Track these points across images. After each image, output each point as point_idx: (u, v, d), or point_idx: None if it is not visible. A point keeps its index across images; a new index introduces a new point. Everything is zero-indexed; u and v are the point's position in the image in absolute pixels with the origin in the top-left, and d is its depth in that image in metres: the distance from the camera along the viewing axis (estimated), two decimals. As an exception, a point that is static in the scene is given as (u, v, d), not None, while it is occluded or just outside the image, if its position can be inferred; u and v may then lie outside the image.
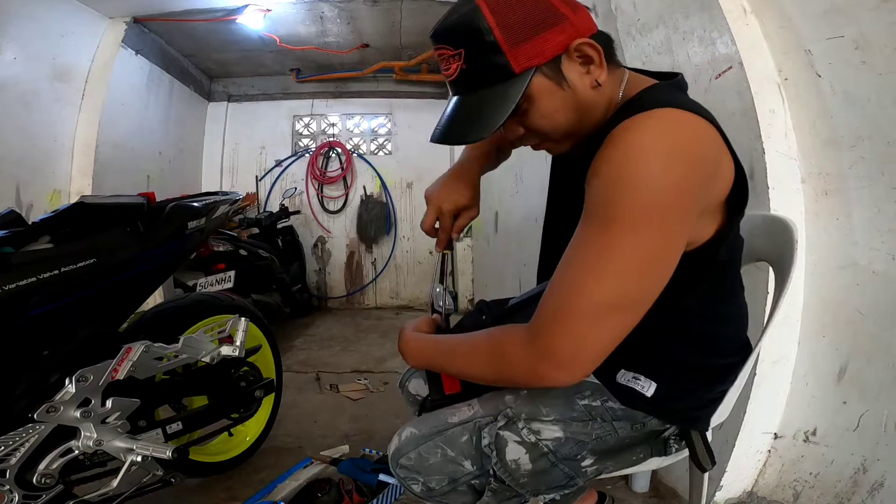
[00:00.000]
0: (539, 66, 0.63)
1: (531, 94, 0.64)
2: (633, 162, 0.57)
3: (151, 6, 3.41)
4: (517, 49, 0.62)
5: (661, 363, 0.75)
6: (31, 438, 1.04)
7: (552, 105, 0.66)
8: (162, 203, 1.33)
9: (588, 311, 0.60)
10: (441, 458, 0.75)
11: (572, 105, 0.67)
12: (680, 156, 0.58)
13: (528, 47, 0.62)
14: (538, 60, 0.63)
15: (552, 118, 0.67)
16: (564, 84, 0.65)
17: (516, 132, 0.72)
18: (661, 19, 1.44)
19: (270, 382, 1.65)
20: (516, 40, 0.61)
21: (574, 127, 0.69)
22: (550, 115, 0.67)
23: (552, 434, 0.73)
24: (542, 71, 0.64)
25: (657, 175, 0.57)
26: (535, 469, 0.72)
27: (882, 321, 1.03)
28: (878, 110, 1.01)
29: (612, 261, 0.58)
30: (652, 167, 0.57)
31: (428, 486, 0.76)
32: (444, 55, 0.66)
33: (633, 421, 0.76)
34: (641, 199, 0.57)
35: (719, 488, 1.26)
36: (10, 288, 0.99)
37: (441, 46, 0.66)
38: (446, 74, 0.68)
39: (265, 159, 5.10)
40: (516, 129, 0.71)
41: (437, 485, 0.76)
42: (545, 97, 0.65)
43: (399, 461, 0.77)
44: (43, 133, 2.92)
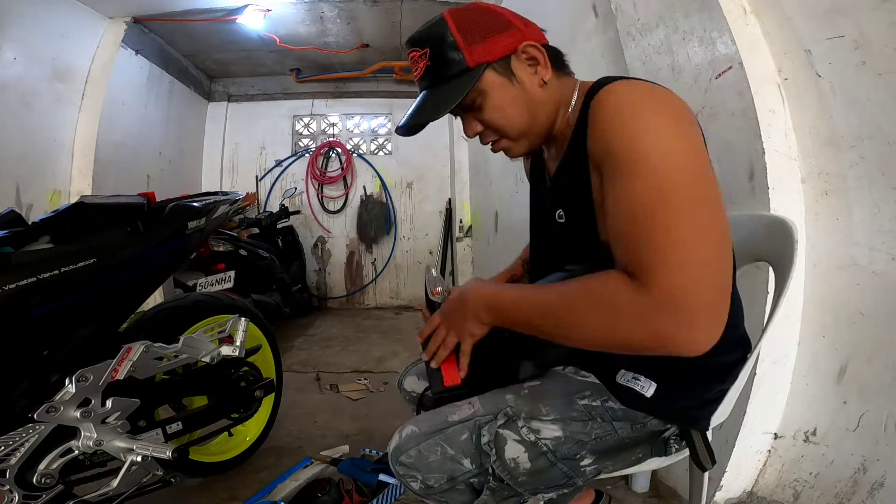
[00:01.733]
0: (490, 63, 0.73)
1: (484, 87, 0.74)
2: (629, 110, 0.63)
3: (151, 6, 3.42)
4: (471, 47, 0.72)
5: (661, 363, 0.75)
6: (31, 438, 1.04)
7: (503, 98, 0.74)
8: (162, 203, 1.33)
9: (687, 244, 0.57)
10: (440, 457, 0.75)
11: (522, 100, 0.75)
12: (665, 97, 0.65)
13: (482, 47, 0.72)
14: (489, 58, 0.73)
15: (504, 111, 0.75)
16: (514, 80, 0.74)
17: (475, 128, 0.79)
18: (661, 19, 1.44)
19: (270, 382, 1.65)
20: (471, 41, 0.72)
21: (526, 123, 0.77)
22: (503, 107, 0.75)
23: (551, 433, 0.73)
24: (493, 67, 0.73)
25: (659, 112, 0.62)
26: (534, 468, 0.72)
27: (882, 321, 1.03)
28: (878, 110, 1.01)
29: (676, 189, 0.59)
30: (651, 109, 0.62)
31: (427, 483, 0.76)
32: (414, 57, 0.77)
33: (633, 421, 0.77)
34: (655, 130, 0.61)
35: (719, 488, 1.26)
36: (10, 288, 0.99)
37: (412, 50, 0.77)
38: (415, 74, 0.78)
39: (265, 159, 5.10)
40: (475, 125, 0.79)
41: (435, 483, 0.76)
42: (497, 91, 0.74)
43: (399, 459, 0.77)
44: (43, 133, 2.92)
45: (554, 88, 0.77)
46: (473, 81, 0.72)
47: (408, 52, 0.78)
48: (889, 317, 1.02)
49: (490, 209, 3.66)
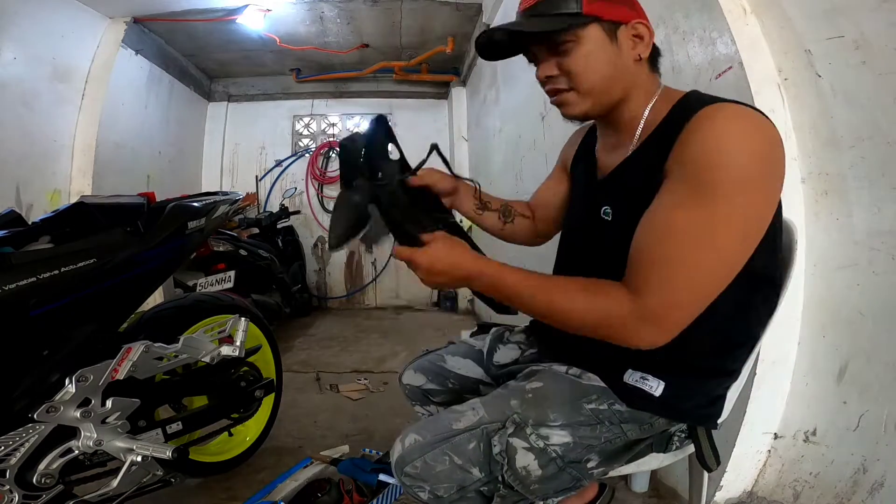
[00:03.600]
0: (601, 18, 0.74)
1: (583, 35, 0.74)
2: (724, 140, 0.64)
3: (151, 6, 3.42)
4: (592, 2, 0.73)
5: (669, 363, 0.75)
6: (31, 438, 1.04)
7: (595, 51, 0.75)
8: (162, 203, 1.33)
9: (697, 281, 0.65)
10: (449, 466, 0.74)
11: (612, 61, 0.75)
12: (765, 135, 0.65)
13: (600, 4, 0.74)
14: (603, 14, 0.74)
15: (591, 63, 0.75)
16: (614, 41, 0.75)
17: (549, 71, 0.78)
18: (661, 19, 1.44)
19: (270, 382, 1.65)
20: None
21: (603, 83, 0.76)
22: (591, 59, 0.75)
23: (560, 439, 0.73)
24: (601, 23, 0.74)
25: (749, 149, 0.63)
26: (545, 475, 0.72)
27: (882, 321, 1.03)
28: (878, 110, 1.01)
29: (716, 233, 0.64)
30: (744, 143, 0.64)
31: (436, 493, 0.75)
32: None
33: (640, 422, 0.76)
34: (737, 171, 0.63)
35: (719, 488, 1.26)
36: (10, 288, 0.98)
37: None
38: (524, 5, 0.78)
39: (265, 159, 5.10)
40: (551, 68, 0.78)
41: (445, 493, 0.75)
42: (592, 42, 0.74)
43: (404, 469, 0.76)
44: (43, 133, 2.92)
45: (642, 72, 0.79)
46: (580, 22, 0.73)
47: None
48: (889, 317, 1.02)
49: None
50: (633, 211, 0.72)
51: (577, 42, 0.74)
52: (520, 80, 3.00)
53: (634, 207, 0.72)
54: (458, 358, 1.05)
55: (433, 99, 5.13)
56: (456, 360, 1.04)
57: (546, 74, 0.79)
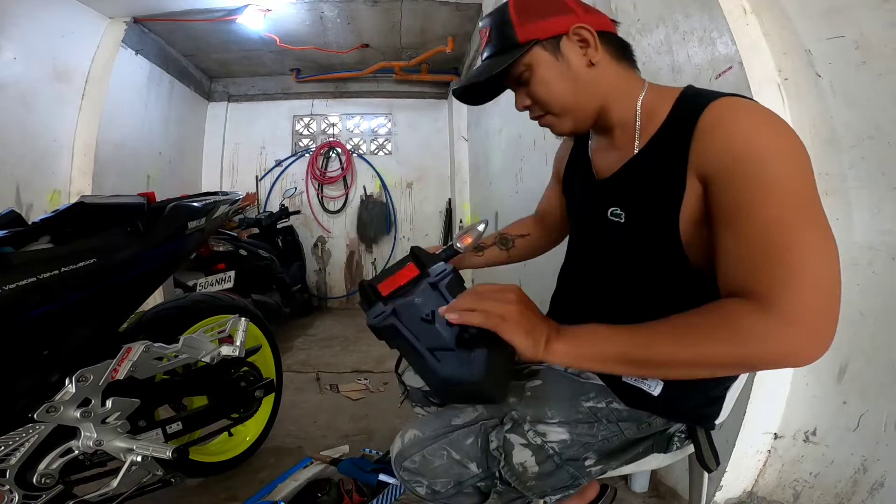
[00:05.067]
0: (539, 40, 0.75)
1: (531, 62, 0.76)
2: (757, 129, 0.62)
3: (151, 6, 3.42)
4: (524, 26, 0.75)
5: None
6: (31, 438, 1.04)
7: (548, 74, 0.76)
8: (162, 203, 1.33)
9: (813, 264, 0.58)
10: (446, 461, 0.75)
11: (567, 77, 0.76)
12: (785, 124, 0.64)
13: (533, 26, 0.75)
14: (540, 35, 0.75)
15: (548, 86, 0.77)
16: (560, 57, 0.75)
17: (523, 102, 0.81)
18: (661, 19, 1.44)
19: (270, 382, 1.65)
20: (525, 20, 0.75)
21: (570, 101, 0.77)
22: (548, 83, 0.76)
23: (558, 437, 0.73)
24: (541, 44, 0.75)
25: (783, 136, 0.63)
26: (542, 471, 0.72)
27: (882, 321, 1.03)
28: (878, 110, 1.01)
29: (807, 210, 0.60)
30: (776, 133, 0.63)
31: (433, 488, 0.76)
32: (482, 34, 0.81)
33: (638, 421, 0.77)
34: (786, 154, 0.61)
35: (719, 488, 1.26)
36: (10, 288, 0.98)
37: (482, 28, 0.82)
38: (481, 49, 0.82)
39: (265, 159, 5.10)
40: (524, 98, 0.80)
41: (442, 487, 0.76)
42: (543, 66, 0.76)
43: (403, 464, 0.77)
44: (43, 133, 2.92)
45: (608, 74, 0.76)
46: (519, 54, 0.75)
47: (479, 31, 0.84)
48: (889, 317, 1.02)
49: (490, 209, 3.66)
50: (650, 213, 0.71)
51: (529, 70, 0.76)
52: (520, 80, 3.00)
53: (651, 210, 0.70)
54: None
55: (433, 99, 5.13)
56: None
57: (522, 106, 0.82)
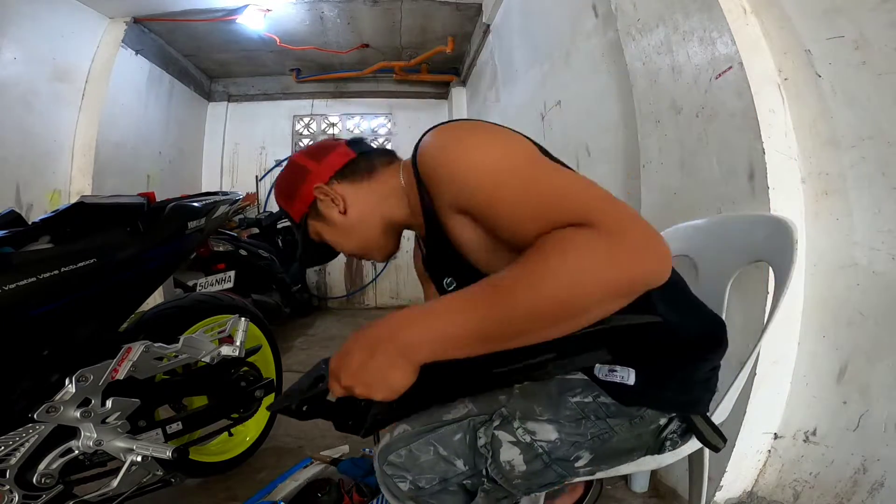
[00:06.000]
0: (307, 213, 0.87)
1: (316, 231, 0.88)
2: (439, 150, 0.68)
3: (151, 6, 3.42)
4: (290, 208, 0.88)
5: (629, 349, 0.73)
6: (31, 438, 1.04)
7: (331, 235, 0.87)
8: (162, 203, 1.33)
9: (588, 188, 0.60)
10: (433, 456, 0.74)
11: (342, 230, 0.86)
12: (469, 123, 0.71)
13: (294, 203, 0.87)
14: (303, 209, 0.86)
15: (338, 243, 0.89)
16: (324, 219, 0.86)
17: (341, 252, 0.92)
18: (661, 19, 1.44)
19: (270, 382, 1.65)
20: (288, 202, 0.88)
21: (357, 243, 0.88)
22: (337, 242, 0.88)
23: (547, 435, 0.72)
24: (310, 216, 0.87)
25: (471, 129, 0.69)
26: (529, 470, 0.72)
27: (882, 321, 1.03)
28: (878, 110, 1.01)
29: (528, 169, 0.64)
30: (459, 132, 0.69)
31: (417, 484, 0.74)
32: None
33: (629, 417, 0.75)
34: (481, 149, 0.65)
35: (719, 488, 1.26)
36: (10, 288, 0.99)
37: None
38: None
39: (265, 159, 5.11)
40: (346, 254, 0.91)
41: (427, 484, 0.74)
42: (324, 231, 0.87)
43: (388, 458, 0.75)
44: (43, 133, 2.92)
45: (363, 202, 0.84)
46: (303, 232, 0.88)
47: None
48: (889, 317, 1.02)
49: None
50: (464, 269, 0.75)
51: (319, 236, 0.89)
52: (520, 80, 3.00)
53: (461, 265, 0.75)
54: None
55: (433, 99, 5.13)
56: None
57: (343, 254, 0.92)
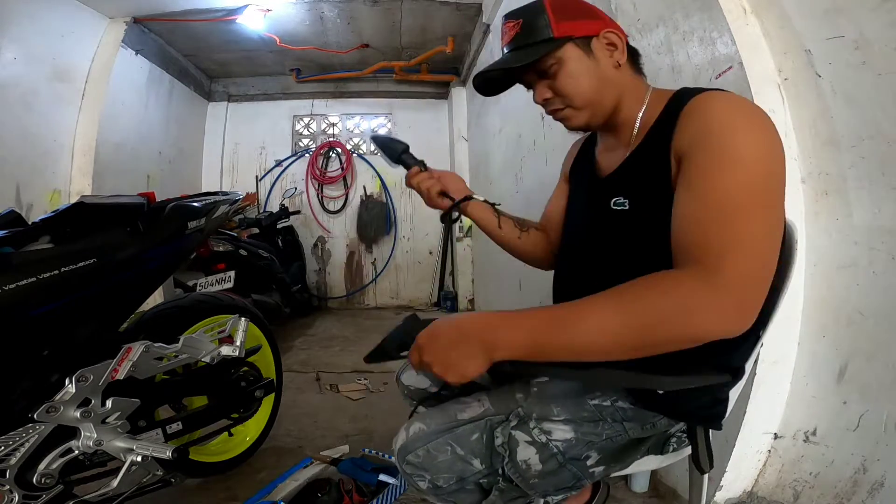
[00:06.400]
0: (573, 38, 0.79)
1: (562, 56, 0.79)
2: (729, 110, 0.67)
3: (151, 6, 3.42)
4: (560, 24, 0.79)
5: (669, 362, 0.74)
6: (31, 438, 1.04)
7: (578, 68, 0.80)
8: (162, 203, 1.33)
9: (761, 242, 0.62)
10: (450, 456, 0.75)
11: (595, 73, 0.80)
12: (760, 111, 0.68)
13: (569, 24, 0.79)
14: (574, 33, 0.79)
15: (577, 81, 0.80)
16: (591, 55, 0.80)
17: (544, 94, 0.83)
18: (661, 19, 1.44)
19: (270, 382, 1.65)
20: (561, 18, 0.79)
21: (593, 95, 0.81)
22: (576, 76, 0.80)
23: (563, 435, 0.73)
24: (574, 42, 0.79)
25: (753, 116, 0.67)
26: (545, 470, 0.72)
27: (882, 321, 1.03)
28: (878, 110, 1.01)
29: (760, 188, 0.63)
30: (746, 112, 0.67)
31: (435, 483, 0.75)
32: (507, 27, 0.83)
33: (643, 421, 0.76)
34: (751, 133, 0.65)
35: (719, 488, 1.26)
36: (10, 288, 0.98)
37: (507, 21, 0.84)
38: (505, 42, 0.84)
39: (265, 159, 5.10)
40: (544, 91, 0.83)
41: (444, 483, 0.75)
42: (573, 61, 0.79)
43: (406, 458, 0.77)
44: (43, 133, 2.92)
45: (626, 76, 0.82)
46: (554, 46, 0.78)
47: (503, 24, 0.85)
48: (889, 317, 1.02)
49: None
50: (652, 199, 0.73)
51: (558, 64, 0.79)
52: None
53: (652, 196, 0.73)
54: None
55: (433, 99, 5.13)
56: None
57: (542, 98, 0.84)
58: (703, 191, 0.65)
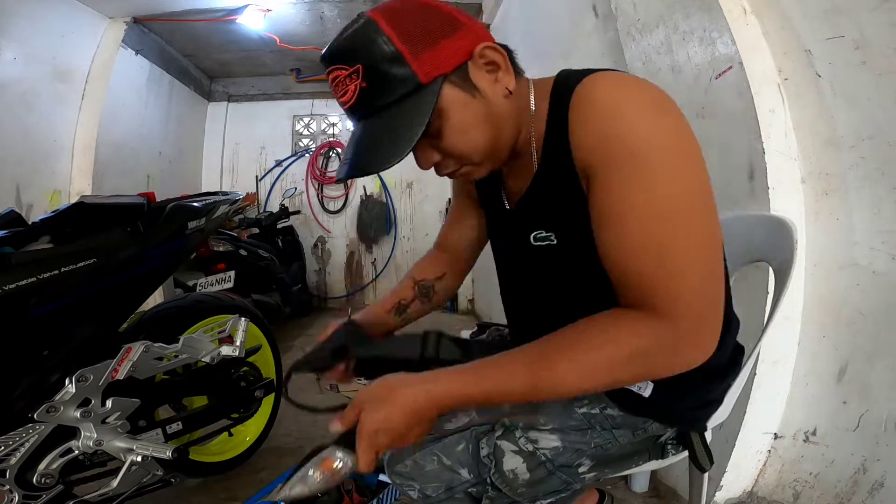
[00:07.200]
0: (446, 75, 0.58)
1: (443, 107, 0.58)
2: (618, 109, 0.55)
3: (151, 6, 3.42)
4: (421, 57, 0.56)
5: None
6: (31, 438, 1.05)
7: (466, 118, 0.60)
8: (162, 203, 1.33)
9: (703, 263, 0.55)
10: (437, 466, 0.75)
11: (487, 117, 0.61)
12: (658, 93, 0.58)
13: (432, 55, 0.57)
14: (445, 68, 0.58)
15: (468, 134, 0.61)
16: (476, 93, 0.60)
17: (431, 159, 0.64)
18: (661, 19, 1.44)
19: (270, 382, 1.65)
20: (418, 49, 0.56)
21: (492, 143, 0.63)
22: (466, 130, 0.61)
23: (550, 443, 0.72)
24: (450, 80, 0.58)
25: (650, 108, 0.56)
26: (533, 478, 0.71)
27: (882, 321, 1.03)
28: (878, 110, 1.01)
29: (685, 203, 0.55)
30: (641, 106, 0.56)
31: (424, 493, 0.75)
32: (340, 77, 0.59)
33: (633, 428, 0.75)
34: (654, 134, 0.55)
35: (719, 488, 1.26)
36: (10, 288, 0.99)
37: (335, 68, 0.59)
38: (343, 100, 0.60)
39: (265, 159, 5.10)
40: (430, 154, 0.64)
41: (433, 492, 0.75)
42: (458, 109, 0.59)
43: (395, 468, 0.77)
44: (43, 133, 2.92)
45: (515, 96, 0.64)
46: (434, 101, 0.57)
47: (328, 72, 0.61)
48: (889, 317, 1.02)
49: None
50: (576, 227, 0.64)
51: (440, 117, 0.59)
52: (520, 80, 3.00)
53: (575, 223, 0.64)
54: None
55: (433, 99, 5.13)
56: None
57: (430, 164, 0.65)
58: (622, 222, 0.56)
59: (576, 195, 0.62)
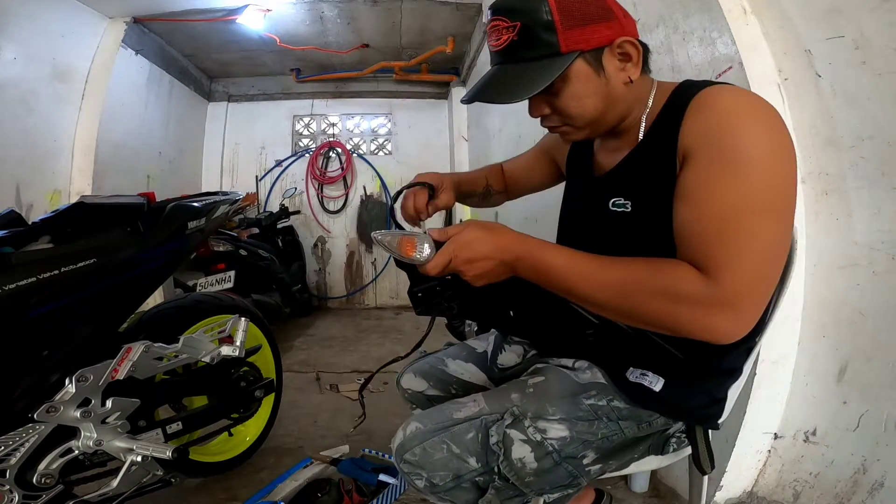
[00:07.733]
0: (584, 51, 0.68)
1: (569, 74, 0.69)
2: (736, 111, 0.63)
3: (151, 6, 3.42)
4: (568, 32, 0.67)
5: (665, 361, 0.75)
6: (31, 438, 1.04)
7: (585, 89, 0.71)
8: (162, 203, 1.33)
9: (766, 253, 0.62)
10: (446, 454, 0.75)
11: (603, 94, 0.72)
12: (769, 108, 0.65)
13: (579, 33, 0.68)
14: (584, 46, 0.68)
15: (581, 102, 0.72)
16: (602, 73, 0.70)
17: (542, 111, 0.76)
18: (661, 19, 1.44)
19: (270, 382, 1.65)
20: (570, 24, 0.67)
21: (598, 117, 0.74)
22: (581, 98, 0.71)
23: (558, 433, 0.73)
24: (585, 56, 0.69)
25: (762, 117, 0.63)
26: (540, 468, 0.72)
27: (882, 321, 1.03)
28: (878, 110, 1.01)
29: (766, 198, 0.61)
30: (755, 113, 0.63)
31: (432, 481, 0.76)
32: (498, 26, 0.71)
33: (639, 421, 0.77)
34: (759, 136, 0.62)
35: (719, 488, 1.26)
36: (10, 288, 0.98)
37: (497, 18, 0.71)
38: (495, 44, 0.72)
39: (265, 159, 5.10)
40: (542, 107, 0.75)
41: (440, 481, 0.76)
42: (580, 80, 0.70)
43: (403, 456, 0.78)
44: (43, 133, 2.92)
45: (635, 86, 0.73)
46: (563, 68, 0.68)
47: (491, 19, 0.72)
48: (889, 317, 1.02)
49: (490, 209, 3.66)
50: (655, 202, 0.70)
51: (563, 81, 0.70)
52: (520, 80, 3.00)
53: (656, 198, 0.70)
54: (460, 362, 1.04)
55: (433, 99, 5.13)
56: (458, 364, 1.04)
57: (539, 114, 0.76)
58: (703, 201, 0.63)
59: (665, 171, 0.69)
